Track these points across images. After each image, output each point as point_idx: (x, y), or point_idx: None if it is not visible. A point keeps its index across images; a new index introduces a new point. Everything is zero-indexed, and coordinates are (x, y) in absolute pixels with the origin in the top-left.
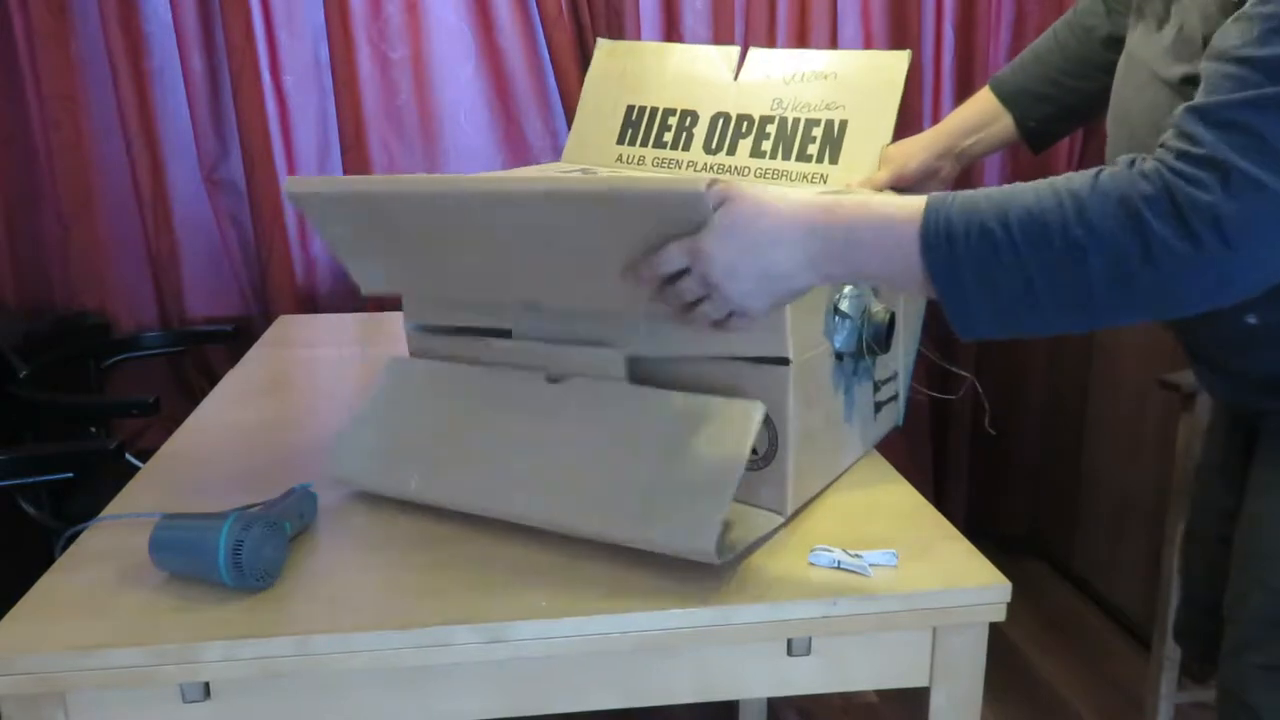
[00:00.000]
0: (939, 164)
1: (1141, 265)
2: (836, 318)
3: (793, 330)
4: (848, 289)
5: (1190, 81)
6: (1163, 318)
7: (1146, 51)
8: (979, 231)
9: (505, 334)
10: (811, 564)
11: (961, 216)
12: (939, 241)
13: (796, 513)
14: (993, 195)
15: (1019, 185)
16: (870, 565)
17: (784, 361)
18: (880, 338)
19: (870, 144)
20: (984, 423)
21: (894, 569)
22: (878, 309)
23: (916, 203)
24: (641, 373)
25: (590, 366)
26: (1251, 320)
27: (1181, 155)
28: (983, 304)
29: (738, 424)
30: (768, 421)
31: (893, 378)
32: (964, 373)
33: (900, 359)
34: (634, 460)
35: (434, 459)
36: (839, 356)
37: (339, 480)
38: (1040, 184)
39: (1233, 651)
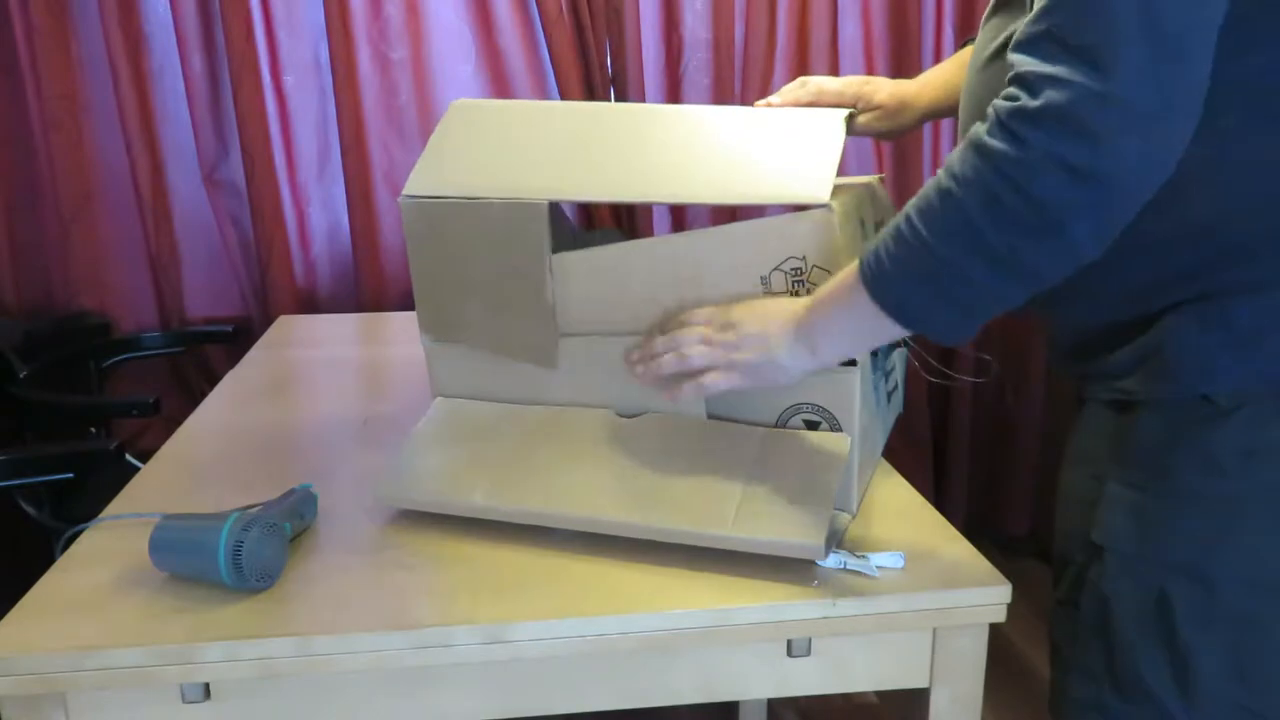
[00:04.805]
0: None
1: (994, 180)
2: None
3: None
4: None
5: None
6: (1053, 240)
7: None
8: (891, 236)
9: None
10: (817, 564)
11: (879, 240)
12: (871, 269)
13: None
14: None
15: None
16: (877, 567)
17: (853, 363)
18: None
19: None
20: (983, 423)
21: (899, 571)
22: None
23: (853, 264)
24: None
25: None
26: None
27: (1005, 86)
28: (930, 302)
29: (828, 446)
30: (835, 423)
31: (894, 369)
32: (986, 356)
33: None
34: (722, 473)
35: (502, 473)
36: (874, 353)
37: (392, 503)
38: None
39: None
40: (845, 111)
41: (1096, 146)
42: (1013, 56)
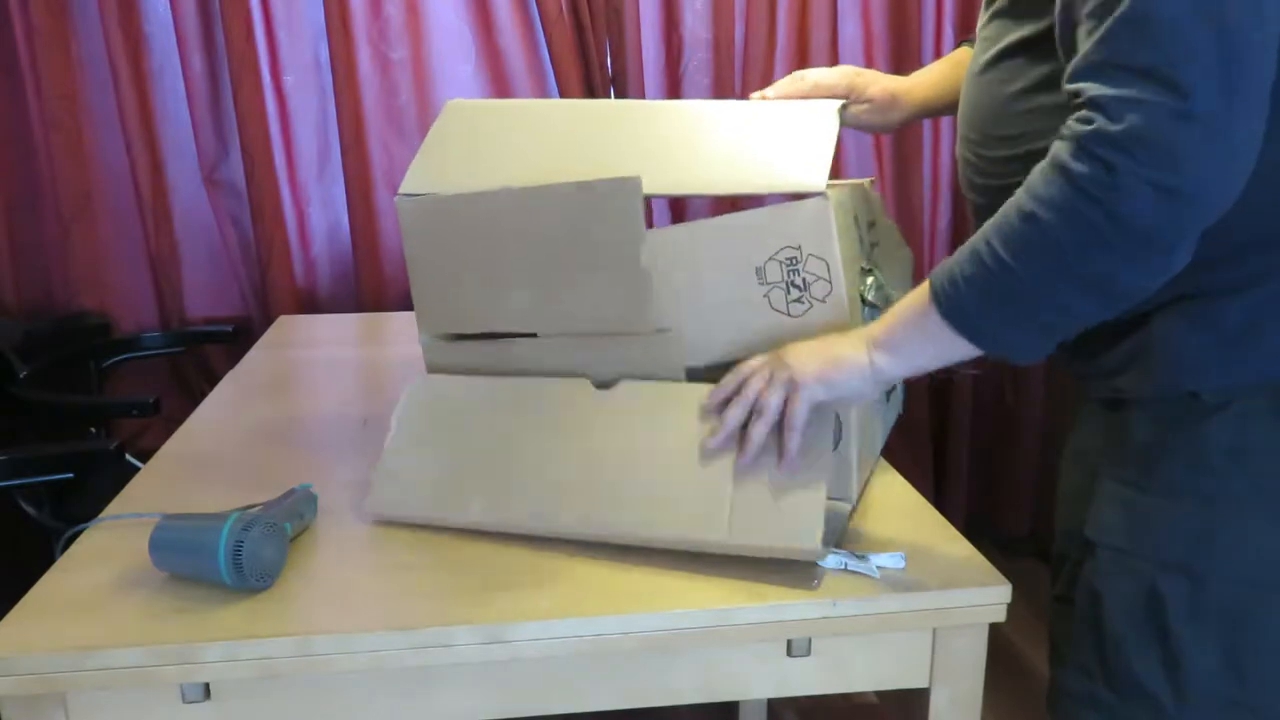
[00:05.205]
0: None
1: (1083, 204)
2: (866, 309)
3: (851, 322)
4: (870, 280)
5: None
6: (1150, 258)
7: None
8: (968, 260)
9: (530, 336)
10: (817, 564)
11: (953, 264)
12: (945, 293)
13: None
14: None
15: None
16: (878, 567)
17: None
18: None
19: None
20: (983, 423)
21: (900, 571)
22: (896, 295)
23: (923, 285)
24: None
25: (634, 363)
26: None
27: (1076, 110)
28: (1009, 324)
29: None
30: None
31: None
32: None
33: None
34: (710, 464)
35: (491, 482)
36: None
37: (386, 518)
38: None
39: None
40: (838, 102)
41: (1182, 164)
42: (1078, 85)
